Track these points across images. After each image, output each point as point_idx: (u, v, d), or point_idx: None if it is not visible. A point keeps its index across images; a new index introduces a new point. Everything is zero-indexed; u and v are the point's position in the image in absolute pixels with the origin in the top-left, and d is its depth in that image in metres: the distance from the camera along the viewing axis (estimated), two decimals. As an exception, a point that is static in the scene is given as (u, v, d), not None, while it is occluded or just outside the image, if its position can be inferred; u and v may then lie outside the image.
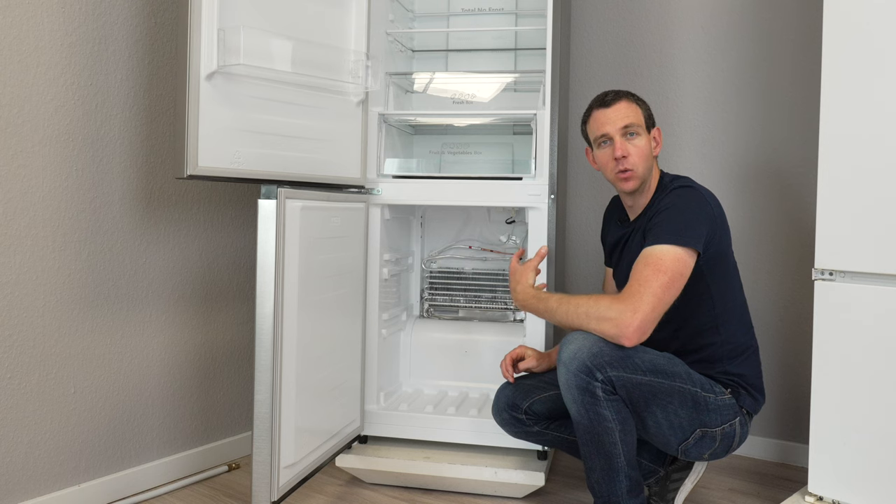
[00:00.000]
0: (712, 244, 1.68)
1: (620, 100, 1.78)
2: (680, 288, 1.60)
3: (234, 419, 2.38)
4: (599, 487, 1.68)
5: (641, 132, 1.77)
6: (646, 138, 1.78)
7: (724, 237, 1.74)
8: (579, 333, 1.65)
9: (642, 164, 1.76)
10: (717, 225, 1.70)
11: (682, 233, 1.62)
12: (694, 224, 1.64)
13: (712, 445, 1.71)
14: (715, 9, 2.48)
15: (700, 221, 1.65)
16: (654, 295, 1.56)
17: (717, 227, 1.70)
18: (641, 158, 1.76)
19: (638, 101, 1.81)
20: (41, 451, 1.85)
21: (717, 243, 1.70)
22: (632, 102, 1.79)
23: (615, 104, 1.78)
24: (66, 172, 1.87)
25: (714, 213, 1.70)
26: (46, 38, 1.82)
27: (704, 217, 1.66)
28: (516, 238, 2.43)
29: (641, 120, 1.78)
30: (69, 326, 1.90)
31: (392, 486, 2.11)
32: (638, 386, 1.62)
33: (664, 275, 1.57)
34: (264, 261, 1.62)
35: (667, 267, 1.58)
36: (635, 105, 1.79)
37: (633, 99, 1.81)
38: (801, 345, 2.31)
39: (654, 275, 1.58)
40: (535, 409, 1.86)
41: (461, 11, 2.52)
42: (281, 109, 1.85)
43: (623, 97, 1.79)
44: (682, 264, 1.60)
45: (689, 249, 1.62)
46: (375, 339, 2.15)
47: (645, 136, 1.78)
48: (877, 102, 1.61)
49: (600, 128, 1.79)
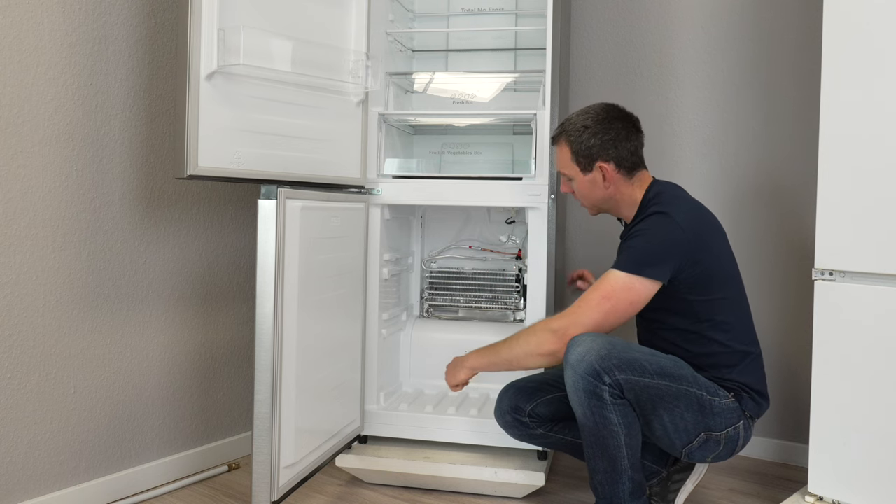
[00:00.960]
0: (687, 270, 1.66)
1: (555, 143, 1.86)
2: (627, 313, 1.65)
3: (234, 419, 2.38)
4: (602, 489, 1.68)
5: (575, 176, 1.81)
6: (581, 181, 1.81)
7: (706, 258, 1.68)
8: (587, 336, 1.63)
9: (587, 201, 1.85)
10: (692, 252, 1.66)
11: (642, 263, 1.64)
12: (659, 255, 1.65)
13: (716, 449, 1.71)
14: (715, 9, 2.48)
15: (666, 253, 1.64)
16: (592, 319, 1.64)
17: (692, 253, 1.66)
18: (583, 197, 1.85)
19: (570, 142, 1.80)
20: (41, 451, 1.85)
21: (694, 267, 1.67)
22: (563, 146, 1.82)
23: (554, 146, 1.88)
24: (66, 172, 1.87)
25: (687, 240, 1.65)
26: (46, 38, 1.82)
27: (673, 248, 1.65)
28: (516, 238, 2.43)
29: (570, 165, 1.80)
30: (69, 326, 1.90)
31: (392, 486, 2.11)
32: (646, 389, 1.61)
33: (608, 302, 1.63)
34: (264, 261, 1.62)
35: (614, 295, 1.64)
36: (566, 149, 1.81)
37: (565, 141, 1.81)
38: (801, 345, 2.30)
39: (599, 301, 1.64)
40: (538, 412, 1.86)
41: (461, 11, 2.52)
42: (281, 109, 1.85)
43: (557, 141, 1.84)
44: (633, 293, 1.64)
45: (645, 279, 1.63)
46: (375, 339, 2.15)
47: (580, 178, 1.81)
48: (877, 102, 1.61)
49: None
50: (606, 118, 1.78)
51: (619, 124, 1.78)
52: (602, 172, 1.77)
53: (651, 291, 1.65)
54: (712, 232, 1.73)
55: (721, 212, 2.44)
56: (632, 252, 1.67)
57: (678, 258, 1.64)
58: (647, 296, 1.65)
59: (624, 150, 1.76)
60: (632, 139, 1.78)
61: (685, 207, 1.71)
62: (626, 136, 1.77)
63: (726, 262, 1.75)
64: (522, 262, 2.38)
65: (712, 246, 1.71)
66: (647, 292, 1.65)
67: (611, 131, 1.76)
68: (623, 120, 1.79)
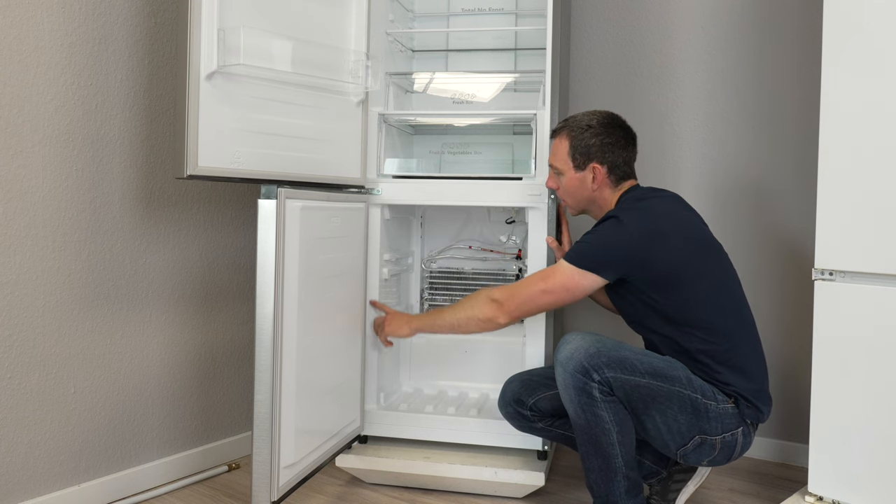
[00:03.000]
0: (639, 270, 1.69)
1: (556, 136, 1.89)
2: (562, 300, 1.75)
3: (234, 419, 2.38)
4: (598, 487, 1.68)
5: (565, 171, 1.85)
6: (571, 177, 1.85)
7: (661, 258, 1.68)
8: (576, 334, 1.69)
9: (569, 199, 1.90)
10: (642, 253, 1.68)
11: (584, 257, 1.72)
12: (600, 254, 1.71)
13: (711, 453, 1.70)
14: (715, 9, 2.48)
15: (609, 253, 1.71)
16: (527, 296, 1.76)
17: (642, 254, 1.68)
18: (567, 194, 1.89)
19: (571, 136, 1.84)
20: (41, 451, 1.85)
21: (647, 267, 1.68)
22: (564, 139, 1.86)
23: (553, 139, 1.90)
24: (66, 172, 1.87)
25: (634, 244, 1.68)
26: (46, 38, 1.82)
27: (616, 250, 1.70)
28: (516, 238, 2.43)
29: (566, 160, 1.85)
30: (69, 326, 1.90)
31: (392, 486, 2.11)
32: (636, 388, 1.62)
33: (544, 283, 1.74)
34: (264, 261, 1.62)
35: (551, 278, 1.74)
36: (566, 143, 1.85)
37: (567, 135, 1.85)
38: (801, 345, 2.30)
39: (537, 280, 1.77)
40: (539, 406, 1.87)
41: (461, 11, 2.52)
42: (281, 109, 1.85)
43: (558, 133, 1.88)
44: (571, 281, 1.72)
45: (585, 272, 1.71)
46: (375, 339, 2.14)
47: (570, 174, 1.85)
48: (877, 102, 1.61)
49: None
50: (611, 124, 1.85)
51: (621, 133, 1.85)
52: (594, 173, 1.83)
53: (590, 284, 1.72)
54: (670, 234, 1.71)
55: (721, 211, 2.44)
56: (579, 245, 1.76)
57: (622, 260, 1.70)
58: (584, 287, 1.73)
59: (619, 158, 1.84)
60: (628, 150, 1.86)
61: (641, 215, 1.74)
62: (625, 145, 1.85)
63: (695, 260, 1.72)
64: (522, 262, 2.38)
65: (669, 248, 1.70)
66: (586, 284, 1.72)
67: (612, 136, 1.83)
68: (625, 130, 1.87)
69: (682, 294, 1.71)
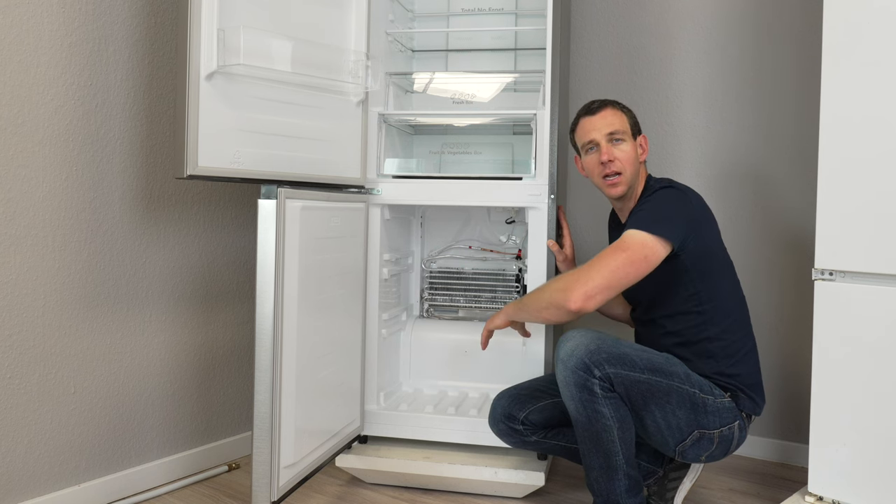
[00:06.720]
0: (694, 240, 1.71)
1: (605, 107, 1.86)
2: (642, 270, 1.63)
3: (234, 419, 2.38)
4: (598, 486, 1.68)
5: (626, 138, 1.83)
6: (631, 144, 1.84)
7: (707, 234, 1.76)
8: (576, 331, 1.69)
9: (629, 168, 1.82)
10: (698, 222, 1.73)
11: (654, 222, 1.66)
12: (669, 217, 1.68)
13: (710, 448, 1.71)
14: (715, 9, 2.48)
15: (677, 215, 1.69)
16: (608, 268, 1.61)
17: (698, 223, 1.72)
18: (627, 163, 1.82)
19: (623, 109, 1.88)
20: (41, 451, 1.85)
21: (699, 239, 1.72)
22: (617, 110, 1.86)
23: (601, 111, 1.85)
24: (66, 172, 1.87)
25: (695, 210, 1.73)
26: (46, 38, 1.82)
27: (682, 212, 1.70)
28: (516, 238, 2.43)
29: (626, 126, 1.85)
30: (69, 326, 1.90)
31: (392, 486, 2.11)
32: (636, 384, 1.62)
33: (623, 252, 1.63)
34: (264, 261, 1.62)
35: (628, 247, 1.63)
36: (620, 112, 1.86)
37: (618, 107, 1.87)
38: (801, 345, 2.30)
39: (613, 252, 1.64)
40: (532, 419, 1.86)
41: (461, 11, 2.52)
42: (281, 109, 1.85)
43: (608, 105, 1.87)
44: (647, 249, 1.63)
45: (659, 238, 1.64)
46: (375, 339, 2.15)
47: (630, 142, 1.84)
48: (877, 102, 1.61)
49: (587, 134, 1.85)
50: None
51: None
52: (643, 146, 1.88)
53: (661, 252, 1.65)
54: (711, 216, 1.80)
55: (721, 211, 2.44)
56: (642, 213, 1.70)
57: (686, 223, 1.69)
58: (658, 255, 1.65)
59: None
60: None
61: (688, 189, 1.80)
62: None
63: (722, 248, 1.82)
64: (522, 262, 2.38)
65: (713, 226, 1.79)
66: (660, 249, 1.65)
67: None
68: None
69: (714, 279, 1.75)
